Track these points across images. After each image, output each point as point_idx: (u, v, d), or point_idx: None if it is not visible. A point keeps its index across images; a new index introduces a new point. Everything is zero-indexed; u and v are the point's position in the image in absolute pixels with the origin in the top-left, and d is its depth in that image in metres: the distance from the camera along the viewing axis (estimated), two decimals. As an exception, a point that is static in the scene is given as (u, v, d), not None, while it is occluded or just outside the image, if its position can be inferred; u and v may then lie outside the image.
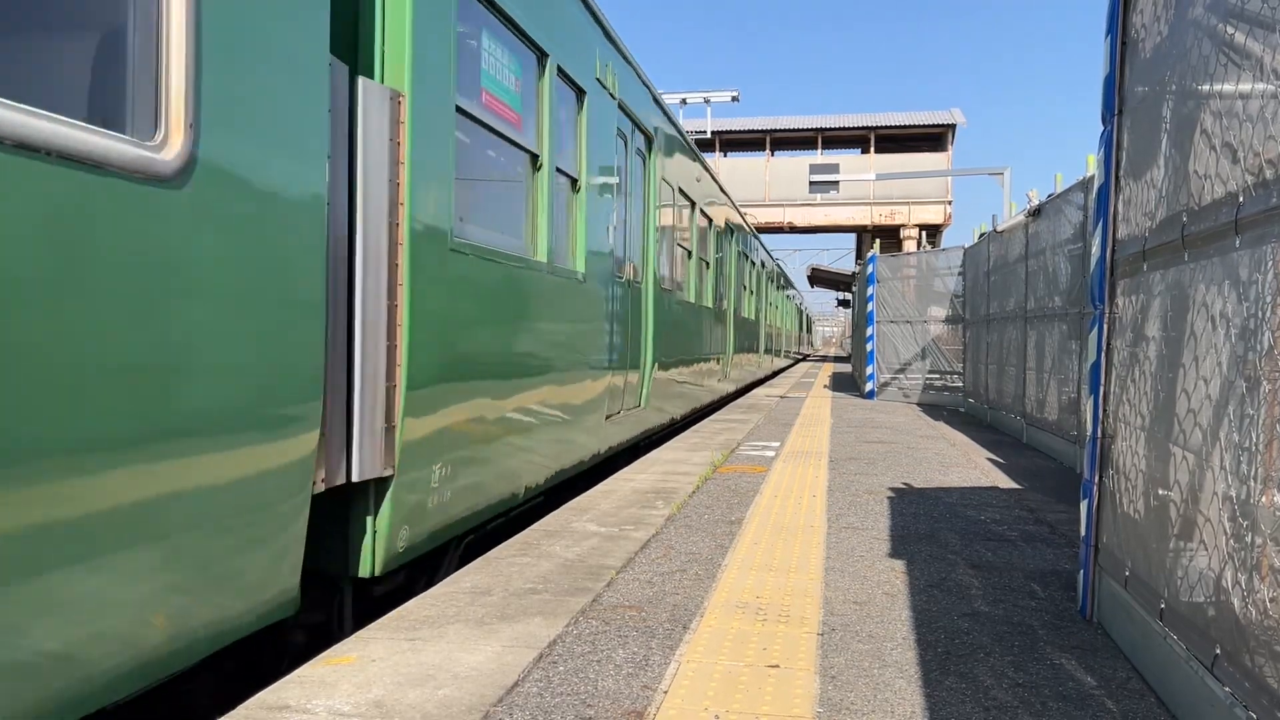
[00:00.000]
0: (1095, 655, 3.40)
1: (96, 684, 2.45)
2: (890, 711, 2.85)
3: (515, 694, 2.92)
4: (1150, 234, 3.25)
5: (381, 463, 3.87)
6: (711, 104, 26.06)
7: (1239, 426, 2.44)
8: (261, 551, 3.08)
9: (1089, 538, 3.86)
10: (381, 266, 3.85)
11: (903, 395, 16.63)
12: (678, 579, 4.32)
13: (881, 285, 17.03)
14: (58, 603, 2.30)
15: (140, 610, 2.57)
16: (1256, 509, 2.31)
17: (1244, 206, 2.40)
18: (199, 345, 2.75)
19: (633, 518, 5.68)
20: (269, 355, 3.06)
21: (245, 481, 2.96)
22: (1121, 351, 3.62)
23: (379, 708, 2.78)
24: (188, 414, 2.70)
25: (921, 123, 35.35)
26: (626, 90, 8.11)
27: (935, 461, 8.65)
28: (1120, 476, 3.56)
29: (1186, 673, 2.74)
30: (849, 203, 34.89)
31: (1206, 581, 2.62)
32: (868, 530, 5.49)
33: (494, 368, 5.03)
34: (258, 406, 3.00)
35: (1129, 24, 3.66)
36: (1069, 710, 2.88)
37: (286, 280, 3.15)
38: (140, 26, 2.63)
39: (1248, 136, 2.43)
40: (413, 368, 4.04)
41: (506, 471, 5.22)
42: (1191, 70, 2.89)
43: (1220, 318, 2.59)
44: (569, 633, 3.52)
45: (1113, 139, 3.76)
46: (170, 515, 2.65)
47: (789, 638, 3.50)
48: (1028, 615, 3.88)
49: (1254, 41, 2.45)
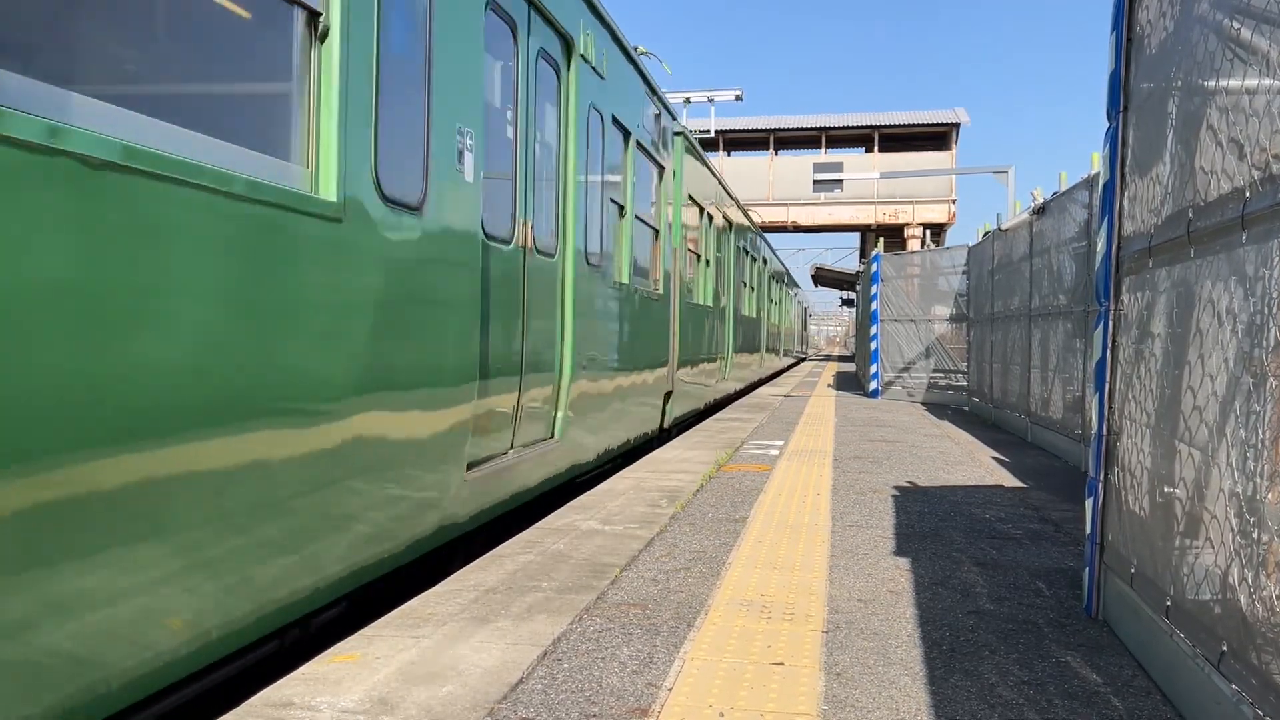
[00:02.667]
0: (1101, 653, 3.39)
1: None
2: (895, 709, 2.85)
3: (519, 691, 2.92)
4: (1156, 230, 3.24)
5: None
6: (715, 103, 26.04)
7: (1245, 423, 2.43)
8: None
9: (1094, 535, 3.85)
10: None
11: (907, 394, 16.61)
12: (682, 577, 4.31)
13: (885, 284, 17.02)
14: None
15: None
16: (1263, 505, 2.30)
17: (1250, 202, 2.39)
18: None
19: (637, 516, 5.68)
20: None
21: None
22: (1127, 349, 3.61)
23: (383, 704, 2.78)
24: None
25: (925, 121, 35.30)
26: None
27: (939, 460, 8.63)
28: (1125, 474, 3.55)
29: (1193, 670, 2.73)
30: (853, 202, 34.84)
31: (1213, 578, 2.61)
32: (872, 528, 5.48)
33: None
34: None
35: (1134, 20, 3.65)
36: (1075, 708, 2.88)
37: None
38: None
39: (1254, 132, 2.42)
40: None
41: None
42: (1197, 66, 2.88)
43: (1226, 314, 2.58)
44: (573, 630, 3.52)
45: (1118, 136, 3.75)
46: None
47: (793, 635, 3.50)
48: (1033, 613, 3.87)
49: (1260, 37, 2.44)
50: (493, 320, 5.07)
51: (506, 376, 5.32)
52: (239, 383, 2.92)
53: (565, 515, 5.66)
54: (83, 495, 2.36)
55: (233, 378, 2.90)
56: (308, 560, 3.36)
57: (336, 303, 3.48)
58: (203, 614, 2.83)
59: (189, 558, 2.75)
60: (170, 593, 2.69)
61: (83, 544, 2.38)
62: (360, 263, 3.65)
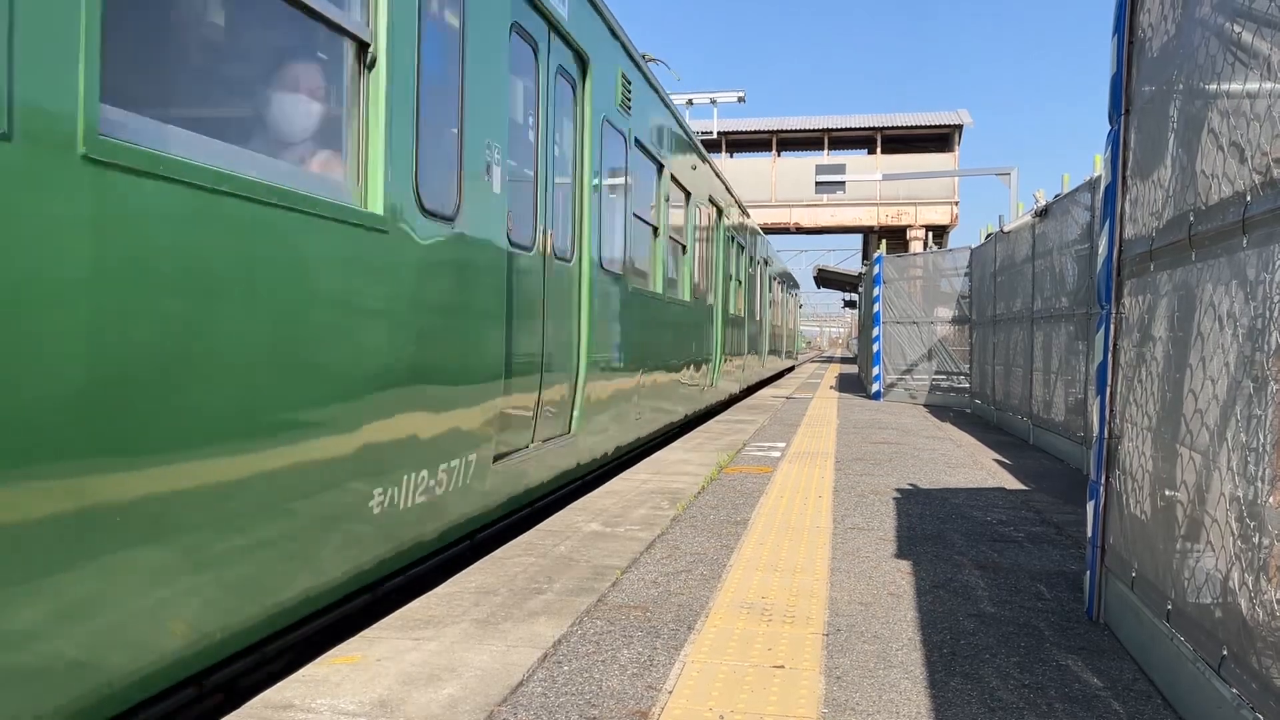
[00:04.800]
0: (1102, 656, 3.38)
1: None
2: (895, 712, 2.85)
3: (520, 693, 2.92)
4: (1157, 234, 3.23)
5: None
6: (718, 105, 26.04)
7: (1246, 427, 2.42)
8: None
9: (1095, 539, 3.84)
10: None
11: (909, 396, 16.60)
12: (683, 579, 4.31)
13: (888, 286, 17.01)
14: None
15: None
16: (1264, 510, 2.30)
17: (1251, 206, 2.39)
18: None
19: (638, 518, 5.68)
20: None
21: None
22: (1128, 352, 3.61)
23: (383, 707, 2.79)
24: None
25: (928, 123, 35.27)
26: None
27: (941, 462, 8.63)
28: (1127, 477, 3.54)
29: (1193, 674, 2.73)
30: (855, 203, 34.83)
31: (1214, 582, 2.61)
32: (873, 531, 5.48)
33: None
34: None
35: (1136, 24, 3.64)
36: (1075, 711, 2.87)
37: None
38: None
39: (1255, 135, 2.42)
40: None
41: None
42: (1198, 69, 2.88)
43: (1227, 317, 2.58)
44: (574, 633, 3.52)
45: (1119, 139, 3.75)
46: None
47: (794, 638, 3.50)
48: (1034, 616, 3.87)
49: (1261, 40, 2.44)
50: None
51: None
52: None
53: (566, 517, 5.66)
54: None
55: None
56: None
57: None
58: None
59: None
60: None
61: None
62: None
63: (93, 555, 2.42)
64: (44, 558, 2.29)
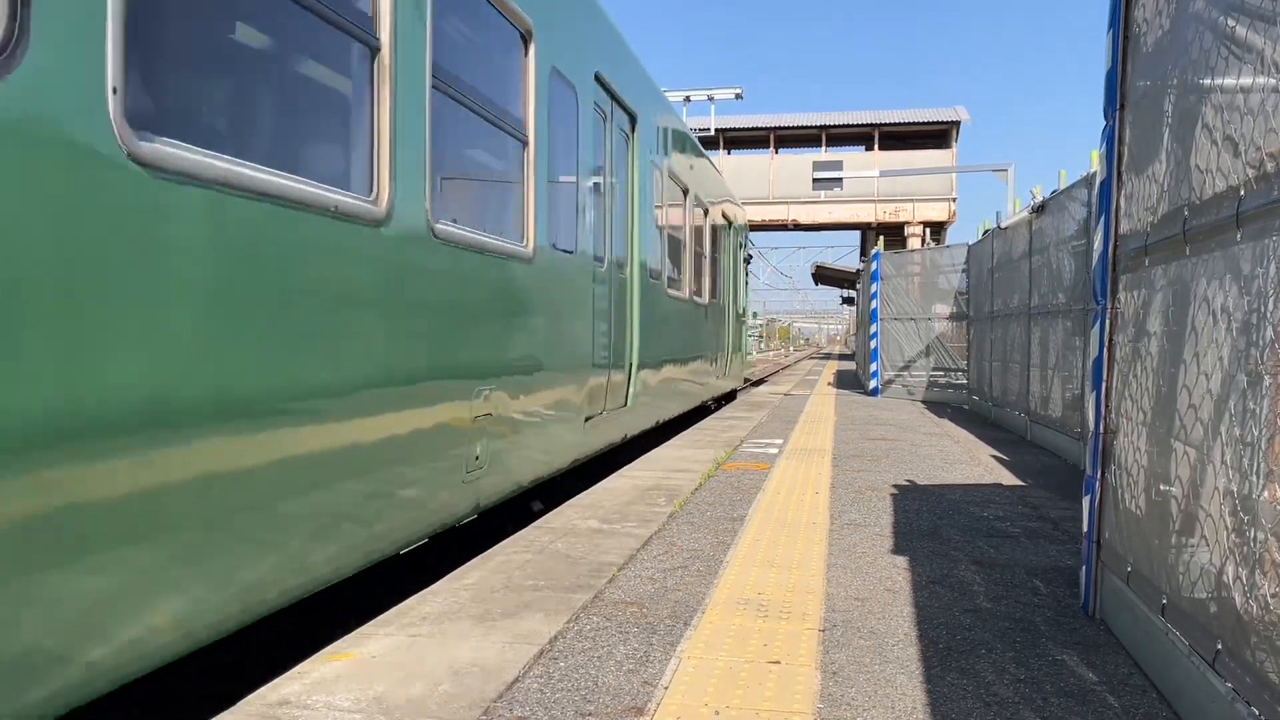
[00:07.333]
0: (1097, 651, 3.39)
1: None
2: (891, 707, 2.85)
3: (516, 690, 2.92)
4: (1152, 229, 3.24)
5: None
6: (715, 102, 26.01)
7: (1240, 421, 2.43)
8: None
9: (1091, 533, 3.85)
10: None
11: (907, 392, 16.60)
12: (679, 575, 4.32)
13: (885, 282, 17.01)
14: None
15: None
16: (1258, 504, 2.30)
17: (1245, 200, 2.39)
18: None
19: (635, 514, 5.68)
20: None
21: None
22: (1124, 347, 3.61)
23: (379, 704, 2.79)
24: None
25: (926, 120, 35.25)
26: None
27: (938, 458, 8.63)
28: (1122, 472, 3.55)
29: (1188, 668, 2.74)
30: (853, 200, 34.81)
31: (1208, 577, 2.61)
32: (870, 527, 5.48)
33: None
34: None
35: (1131, 19, 3.64)
36: (1071, 706, 2.88)
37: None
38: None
39: (1249, 130, 2.42)
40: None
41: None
42: (1193, 64, 2.88)
43: (1222, 312, 2.58)
44: (570, 629, 3.52)
45: (1115, 134, 3.75)
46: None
47: (790, 634, 3.50)
48: (1030, 611, 3.88)
49: (1255, 35, 2.44)
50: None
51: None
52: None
53: (564, 514, 5.66)
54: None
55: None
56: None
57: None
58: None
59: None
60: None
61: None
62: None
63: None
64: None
